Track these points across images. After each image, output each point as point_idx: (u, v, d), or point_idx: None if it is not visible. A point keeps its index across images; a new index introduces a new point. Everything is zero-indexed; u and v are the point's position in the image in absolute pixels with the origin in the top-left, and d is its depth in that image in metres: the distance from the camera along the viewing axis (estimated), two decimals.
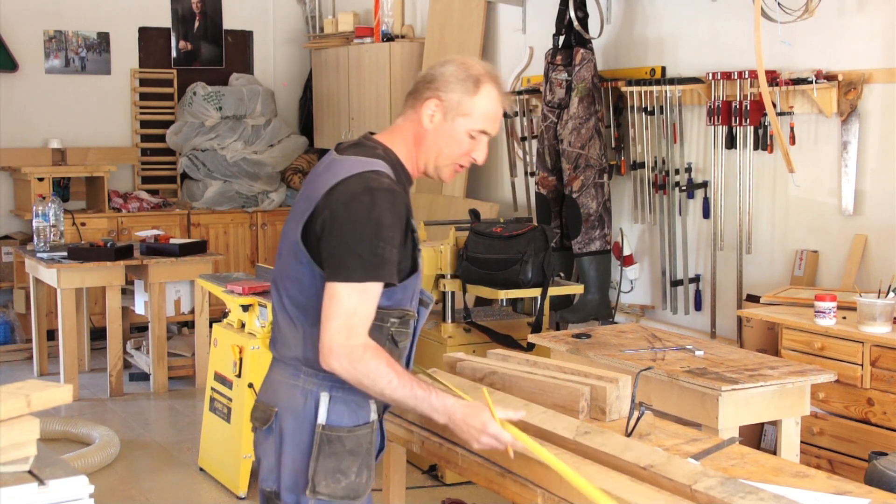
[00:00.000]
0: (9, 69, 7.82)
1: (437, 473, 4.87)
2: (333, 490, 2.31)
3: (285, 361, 2.38)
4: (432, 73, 2.40)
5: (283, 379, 2.37)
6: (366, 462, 2.35)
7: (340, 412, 2.33)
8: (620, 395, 2.71)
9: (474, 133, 2.41)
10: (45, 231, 6.42)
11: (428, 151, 2.41)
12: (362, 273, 2.21)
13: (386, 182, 2.27)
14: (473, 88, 2.37)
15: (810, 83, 4.57)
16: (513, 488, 2.43)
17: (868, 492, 2.27)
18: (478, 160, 2.46)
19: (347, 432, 2.32)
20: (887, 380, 3.84)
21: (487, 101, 2.39)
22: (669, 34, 5.50)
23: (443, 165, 2.43)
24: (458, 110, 2.37)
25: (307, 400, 2.33)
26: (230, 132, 8.17)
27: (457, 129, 2.38)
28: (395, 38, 7.48)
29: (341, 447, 2.31)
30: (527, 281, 4.73)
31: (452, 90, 2.36)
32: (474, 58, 2.51)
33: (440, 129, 2.38)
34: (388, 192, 2.25)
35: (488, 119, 2.40)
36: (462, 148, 2.41)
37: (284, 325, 2.38)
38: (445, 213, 6.63)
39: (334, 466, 2.31)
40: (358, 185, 2.25)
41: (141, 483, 4.94)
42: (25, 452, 2.15)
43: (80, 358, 6.79)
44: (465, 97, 2.37)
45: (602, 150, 5.54)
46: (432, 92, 2.38)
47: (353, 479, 2.33)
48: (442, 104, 2.37)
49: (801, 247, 4.85)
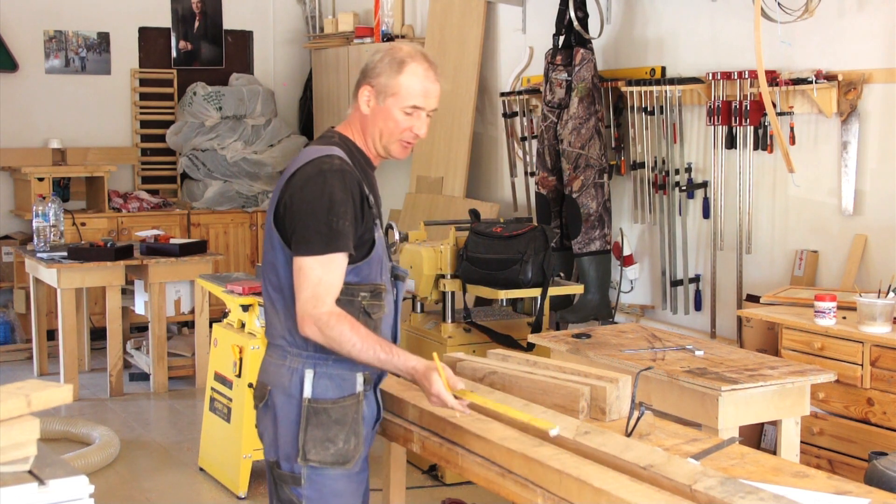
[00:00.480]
0: (9, 69, 7.83)
1: (437, 473, 4.88)
2: (323, 457, 2.55)
3: (275, 344, 2.63)
4: (366, 63, 2.65)
5: (274, 360, 2.63)
6: (353, 430, 2.59)
7: (325, 386, 2.57)
8: (620, 395, 2.71)
9: (407, 109, 2.60)
10: (45, 231, 6.42)
11: (372, 134, 2.63)
12: (321, 246, 2.45)
13: (337, 163, 2.51)
14: (398, 69, 2.58)
15: (810, 83, 4.57)
16: (513, 488, 2.43)
17: (868, 492, 2.27)
18: (420, 135, 2.64)
19: (332, 404, 2.56)
20: (887, 380, 3.84)
21: (412, 78, 2.59)
22: (669, 34, 5.50)
23: (389, 144, 2.64)
24: (386, 91, 2.59)
25: (293, 377, 2.57)
26: (230, 132, 8.17)
27: (390, 108, 2.59)
28: (395, 38, 7.48)
29: (327, 418, 2.55)
30: (527, 281, 4.73)
31: (380, 74, 2.59)
32: (406, 42, 2.79)
33: (377, 112, 2.61)
34: (338, 172, 2.49)
35: (416, 95, 2.59)
36: (400, 125, 2.61)
37: (269, 310, 2.63)
38: (445, 213, 6.63)
39: (322, 435, 2.55)
40: (313, 169, 2.51)
41: (141, 483, 4.94)
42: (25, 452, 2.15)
43: (80, 358, 6.79)
44: (390, 79, 2.58)
45: (602, 150, 5.54)
46: (365, 80, 2.62)
47: (342, 447, 2.57)
48: (373, 89, 2.60)
49: (801, 247, 4.85)
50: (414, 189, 7.16)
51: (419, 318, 5.16)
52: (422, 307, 5.21)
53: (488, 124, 6.90)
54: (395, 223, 5.15)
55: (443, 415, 2.68)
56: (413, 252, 4.95)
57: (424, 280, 4.90)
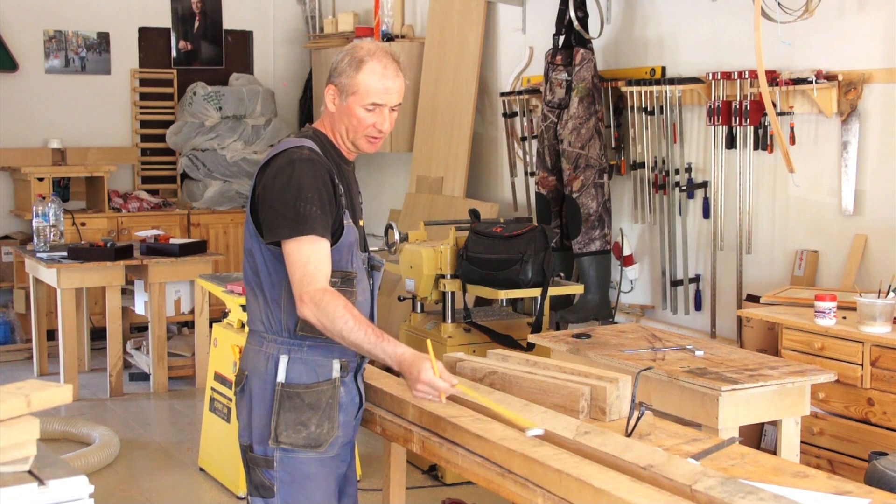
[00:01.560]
0: (9, 69, 7.83)
1: (437, 473, 4.88)
2: (294, 440, 2.62)
3: (253, 330, 2.73)
4: (332, 64, 2.75)
5: (252, 346, 2.72)
6: (327, 414, 2.65)
7: (299, 371, 2.64)
8: (620, 395, 2.71)
9: (368, 106, 2.68)
10: (45, 231, 6.42)
11: (339, 130, 2.73)
12: (291, 229, 2.53)
13: (306, 153, 2.61)
14: (357, 67, 2.67)
15: (810, 83, 4.57)
16: (513, 488, 2.43)
17: (868, 492, 2.27)
18: (383, 130, 2.72)
19: (306, 388, 2.63)
20: (887, 380, 3.84)
21: (371, 76, 2.67)
22: (669, 34, 5.50)
23: (355, 139, 2.72)
24: (347, 90, 2.68)
25: (269, 362, 2.66)
26: (230, 132, 8.17)
27: (352, 106, 2.68)
28: (395, 38, 7.48)
29: (300, 402, 2.62)
30: (527, 281, 4.73)
31: (341, 74, 2.69)
32: (368, 41, 2.90)
33: (341, 110, 2.70)
34: (307, 161, 2.59)
35: (375, 93, 2.67)
36: (364, 122, 2.69)
37: (250, 297, 2.73)
38: (445, 213, 6.63)
39: (295, 419, 2.62)
40: (283, 159, 2.62)
41: (141, 483, 4.95)
42: (25, 452, 2.15)
43: (80, 358, 6.80)
44: (351, 78, 2.67)
45: (602, 150, 5.54)
46: (330, 79, 2.72)
47: (314, 430, 2.63)
48: (336, 88, 2.70)
49: (801, 247, 4.85)
50: (414, 189, 7.16)
51: (419, 318, 5.16)
52: (422, 307, 5.21)
53: (488, 124, 6.90)
54: (395, 223, 5.16)
55: (428, 408, 2.71)
56: (413, 252, 4.95)
57: (424, 280, 4.90)
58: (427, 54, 7.14)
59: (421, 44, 7.27)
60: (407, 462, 3.26)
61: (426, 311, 5.24)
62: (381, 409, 2.95)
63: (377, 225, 7.92)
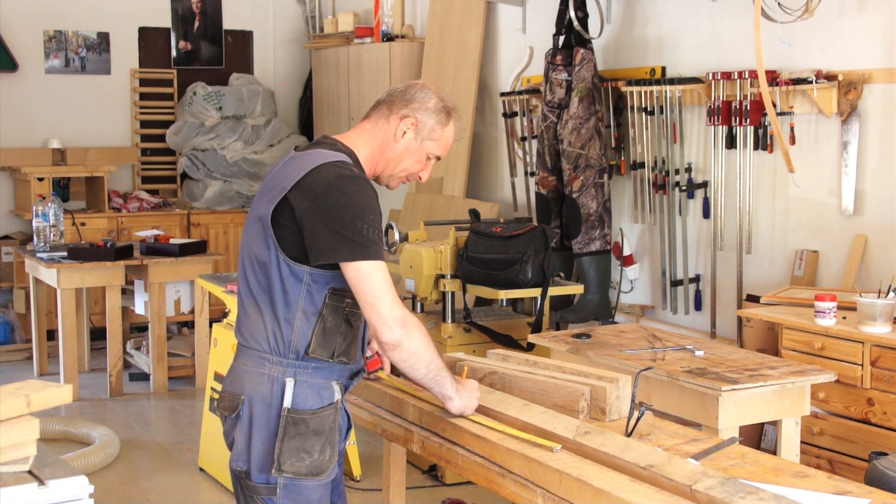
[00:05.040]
0: (9, 69, 7.82)
1: (437, 473, 4.88)
2: (298, 468, 2.48)
3: (251, 349, 2.55)
4: (413, 95, 2.65)
5: (250, 368, 2.54)
6: (329, 440, 2.53)
7: (305, 395, 2.50)
8: (620, 395, 2.71)
9: (432, 156, 2.68)
10: (45, 231, 6.42)
11: (389, 160, 2.64)
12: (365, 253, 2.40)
13: (355, 171, 2.50)
14: (446, 119, 2.66)
15: (810, 83, 4.57)
16: (513, 488, 2.43)
17: (868, 492, 2.27)
18: (423, 179, 2.73)
19: (311, 414, 2.50)
20: (887, 380, 3.84)
21: (452, 132, 2.68)
22: (669, 34, 5.50)
23: (396, 175, 2.68)
24: (429, 135, 2.64)
25: (273, 386, 2.50)
26: (230, 132, 8.17)
27: (422, 149, 2.65)
28: (395, 38, 7.48)
29: (305, 428, 2.49)
30: (527, 281, 4.73)
31: (429, 116, 2.63)
32: (445, 90, 2.76)
33: (409, 146, 2.63)
34: (360, 179, 2.48)
35: (447, 147, 2.70)
36: (418, 166, 2.68)
37: (251, 310, 2.56)
38: (445, 213, 6.63)
39: (299, 446, 2.48)
40: (329, 173, 2.45)
41: (141, 483, 4.94)
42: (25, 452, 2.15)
43: (80, 358, 6.79)
44: (437, 125, 2.64)
45: (602, 150, 5.54)
46: (411, 112, 2.63)
47: (317, 458, 2.51)
48: (417, 124, 2.62)
49: (801, 247, 4.85)
50: (414, 189, 7.16)
51: (419, 318, 5.15)
52: (422, 307, 5.21)
53: (488, 124, 6.90)
54: (395, 223, 5.16)
55: (428, 408, 2.74)
56: (413, 252, 4.95)
57: (424, 280, 4.90)
58: (427, 54, 7.14)
59: (421, 44, 7.27)
60: (407, 462, 3.26)
61: (426, 311, 5.24)
62: (381, 409, 2.95)
63: None
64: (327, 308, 2.49)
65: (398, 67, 7.24)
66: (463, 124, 2.73)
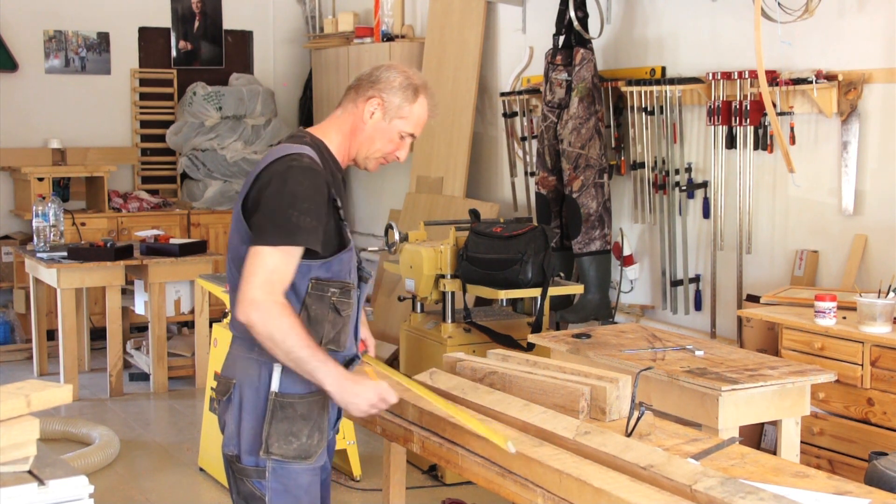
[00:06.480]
0: (9, 69, 7.83)
1: (437, 473, 4.88)
2: (285, 451, 2.55)
3: (242, 337, 2.61)
4: (378, 75, 2.69)
5: (241, 353, 2.62)
6: (318, 426, 2.59)
7: (293, 380, 2.55)
8: (620, 395, 2.71)
9: (405, 134, 2.70)
10: (45, 231, 6.42)
11: (361, 143, 2.69)
12: (279, 237, 2.46)
13: (306, 161, 2.55)
14: (413, 96, 2.68)
15: (810, 83, 4.57)
16: (513, 488, 2.43)
17: (868, 492, 2.27)
18: (400, 158, 2.76)
19: (300, 398, 2.56)
20: (887, 380, 3.84)
21: (422, 109, 2.70)
22: (669, 34, 5.50)
23: (371, 157, 2.72)
24: (397, 113, 2.67)
25: (262, 370, 2.57)
26: (230, 132, 8.17)
27: (392, 128, 2.68)
28: (395, 38, 7.48)
29: (293, 412, 2.56)
30: (527, 281, 4.73)
31: (395, 94, 2.66)
32: (414, 68, 2.79)
33: (378, 126, 2.67)
34: (306, 170, 2.53)
35: (419, 124, 2.71)
36: (391, 145, 2.71)
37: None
38: (445, 213, 6.63)
39: (287, 429, 2.55)
40: (281, 166, 2.54)
41: (141, 483, 4.95)
42: (25, 452, 2.15)
43: (80, 358, 6.79)
44: (405, 102, 2.67)
45: (602, 150, 5.54)
46: (376, 92, 2.67)
47: (305, 441, 2.57)
48: (383, 104, 2.66)
49: (801, 247, 4.85)
50: (414, 189, 7.16)
51: (419, 318, 5.16)
52: (422, 307, 5.21)
53: (488, 124, 6.90)
54: (395, 223, 5.16)
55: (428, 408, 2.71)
56: (413, 252, 4.95)
57: (424, 280, 4.90)
58: (427, 54, 7.14)
59: (421, 44, 7.27)
60: (407, 462, 3.27)
61: (426, 311, 5.24)
62: None
63: (377, 225, 7.92)
64: (310, 297, 2.55)
65: None
66: (436, 100, 2.73)
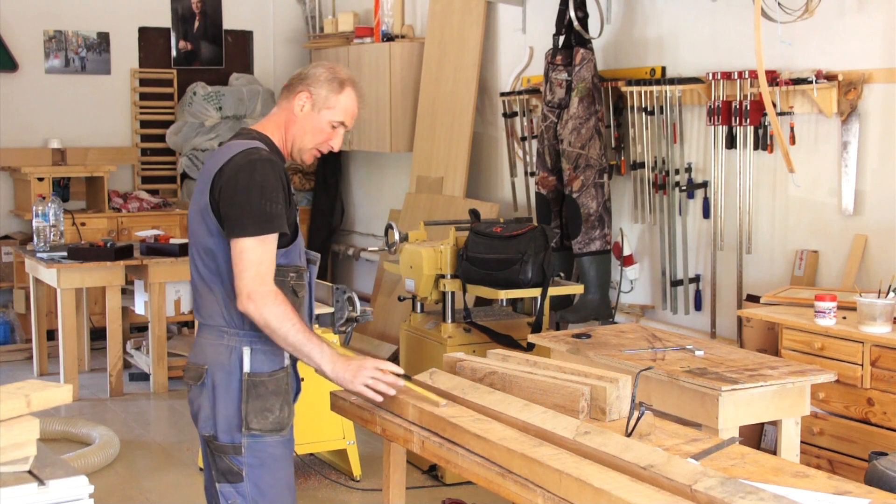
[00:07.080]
0: (9, 69, 7.83)
1: (437, 473, 4.88)
2: (263, 425, 2.77)
3: (209, 325, 2.82)
4: (306, 73, 2.89)
5: (210, 340, 2.82)
6: (286, 399, 2.83)
7: (261, 361, 2.79)
8: (620, 395, 2.71)
9: (335, 123, 2.87)
10: (45, 231, 6.42)
11: (294, 135, 2.87)
12: (259, 227, 2.67)
13: (265, 154, 2.75)
14: (339, 87, 2.86)
15: (810, 83, 4.57)
16: (513, 488, 2.43)
17: (868, 492, 2.27)
18: (334, 148, 2.94)
19: (269, 376, 2.79)
20: (887, 380, 3.84)
21: (348, 99, 2.88)
22: (669, 34, 5.50)
23: (305, 149, 2.89)
24: (325, 104, 2.85)
25: (232, 355, 2.79)
26: (230, 132, 8.15)
27: (321, 119, 2.85)
28: (395, 38, 7.47)
29: (265, 389, 2.78)
30: (527, 281, 4.73)
31: (321, 87, 2.85)
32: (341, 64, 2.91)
33: (308, 118, 2.86)
34: (267, 161, 2.72)
35: (348, 114, 2.88)
36: (323, 136, 2.88)
37: (204, 293, 2.82)
38: (445, 213, 6.63)
39: (261, 406, 2.77)
40: (243, 159, 2.72)
41: (141, 483, 4.95)
42: (25, 452, 2.15)
43: (80, 358, 6.79)
44: (331, 94, 2.85)
45: (602, 150, 5.54)
46: (304, 87, 2.86)
47: (278, 415, 2.80)
48: (311, 97, 2.85)
49: (801, 247, 4.85)
50: (414, 189, 7.16)
51: (419, 318, 5.16)
52: (422, 307, 5.21)
53: (488, 124, 6.90)
54: (395, 223, 5.16)
55: (428, 408, 2.77)
56: (413, 252, 4.95)
57: (424, 280, 4.90)
58: (427, 54, 7.14)
59: (421, 44, 7.27)
60: (407, 462, 3.26)
61: (426, 311, 5.24)
62: (381, 409, 2.95)
63: (377, 225, 7.92)
64: (274, 283, 2.72)
65: (398, 67, 7.24)
66: (363, 93, 2.92)
